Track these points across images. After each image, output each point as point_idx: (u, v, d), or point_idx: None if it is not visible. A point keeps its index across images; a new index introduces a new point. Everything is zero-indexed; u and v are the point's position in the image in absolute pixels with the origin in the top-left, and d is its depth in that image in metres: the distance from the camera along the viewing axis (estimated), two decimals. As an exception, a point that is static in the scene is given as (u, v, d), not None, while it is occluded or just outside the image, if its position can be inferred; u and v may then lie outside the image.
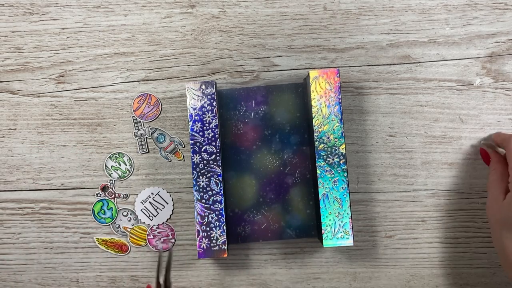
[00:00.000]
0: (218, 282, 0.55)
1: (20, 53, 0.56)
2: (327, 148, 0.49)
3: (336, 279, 0.54)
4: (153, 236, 0.55)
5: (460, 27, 0.55)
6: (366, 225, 0.54)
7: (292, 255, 0.55)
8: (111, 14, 0.55)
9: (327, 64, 0.55)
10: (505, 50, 0.54)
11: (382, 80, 0.55)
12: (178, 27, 0.55)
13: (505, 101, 0.54)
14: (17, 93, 0.56)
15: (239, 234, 0.52)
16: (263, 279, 0.55)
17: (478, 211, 0.54)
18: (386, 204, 0.54)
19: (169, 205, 0.55)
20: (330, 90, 0.49)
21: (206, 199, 0.49)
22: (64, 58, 0.56)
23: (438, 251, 0.54)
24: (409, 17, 0.55)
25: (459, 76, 0.54)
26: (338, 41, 0.55)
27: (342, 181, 0.49)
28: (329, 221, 0.48)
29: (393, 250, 0.54)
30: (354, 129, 0.55)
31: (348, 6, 0.55)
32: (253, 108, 0.53)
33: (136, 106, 0.55)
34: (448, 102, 0.54)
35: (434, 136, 0.54)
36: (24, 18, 0.56)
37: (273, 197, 0.52)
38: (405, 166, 0.54)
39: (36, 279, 0.55)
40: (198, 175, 0.49)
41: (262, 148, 0.53)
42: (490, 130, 0.54)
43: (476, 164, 0.54)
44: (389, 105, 0.55)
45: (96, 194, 0.55)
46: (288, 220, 0.52)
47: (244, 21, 0.55)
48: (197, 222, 0.49)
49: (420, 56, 0.55)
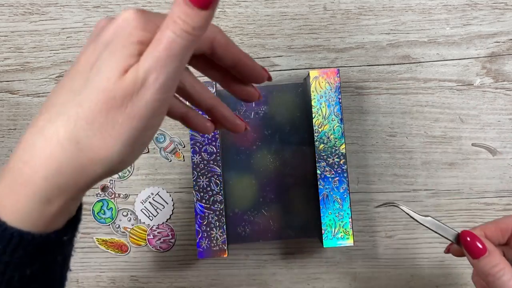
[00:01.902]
0: (218, 282, 0.55)
1: (20, 53, 0.56)
2: (327, 148, 0.49)
3: (336, 279, 0.54)
4: (153, 236, 0.55)
5: (460, 27, 0.55)
6: (366, 225, 0.54)
7: (292, 255, 0.55)
8: (111, 14, 0.55)
9: (327, 64, 0.55)
10: (505, 50, 0.54)
11: (382, 80, 0.55)
12: (178, 27, 0.55)
13: (505, 101, 0.54)
14: (17, 93, 0.56)
15: (239, 234, 0.52)
16: (263, 279, 0.55)
17: (478, 211, 0.54)
18: (386, 204, 0.54)
19: (169, 205, 0.55)
20: (330, 90, 0.49)
21: (206, 199, 0.49)
22: (64, 58, 0.56)
23: (438, 251, 0.54)
24: (409, 17, 0.55)
25: (459, 76, 0.54)
26: (338, 41, 0.55)
27: (342, 181, 0.49)
28: (329, 221, 0.48)
29: (393, 250, 0.54)
30: (354, 129, 0.55)
31: (348, 6, 0.55)
32: (253, 108, 0.53)
33: (136, 106, 0.55)
34: (448, 102, 0.54)
35: (434, 136, 0.54)
36: (24, 18, 0.56)
37: (273, 197, 0.52)
38: (405, 166, 0.54)
39: (36, 279, 0.55)
40: (198, 175, 0.49)
41: (262, 148, 0.53)
42: (490, 130, 0.54)
43: (476, 164, 0.54)
44: (389, 105, 0.55)
45: (96, 194, 0.55)
46: (288, 220, 0.52)
47: (244, 21, 0.55)
48: (197, 222, 0.49)
49: (420, 56, 0.55)
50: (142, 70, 0.25)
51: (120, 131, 0.26)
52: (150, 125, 0.27)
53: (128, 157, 0.27)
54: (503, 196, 0.54)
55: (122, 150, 0.26)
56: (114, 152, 0.26)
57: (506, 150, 0.54)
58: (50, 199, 0.26)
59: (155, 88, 0.25)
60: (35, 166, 0.26)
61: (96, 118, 0.25)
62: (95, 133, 0.26)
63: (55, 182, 0.26)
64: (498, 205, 0.54)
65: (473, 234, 0.35)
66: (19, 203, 0.26)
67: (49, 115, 0.26)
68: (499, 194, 0.54)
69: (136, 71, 0.25)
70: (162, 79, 0.25)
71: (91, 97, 0.25)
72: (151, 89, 0.25)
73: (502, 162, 0.54)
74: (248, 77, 0.33)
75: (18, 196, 0.26)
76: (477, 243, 0.35)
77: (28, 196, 0.26)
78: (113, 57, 0.26)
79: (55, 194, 0.26)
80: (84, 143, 0.26)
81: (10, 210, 0.26)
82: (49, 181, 0.26)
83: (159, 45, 0.25)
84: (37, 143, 0.26)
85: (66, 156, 0.26)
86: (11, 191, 0.26)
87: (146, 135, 0.27)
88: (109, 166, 0.26)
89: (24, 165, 0.26)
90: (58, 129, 0.26)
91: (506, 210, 0.54)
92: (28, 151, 0.26)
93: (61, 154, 0.26)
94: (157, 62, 0.25)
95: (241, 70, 0.32)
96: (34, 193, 0.26)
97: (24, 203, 0.26)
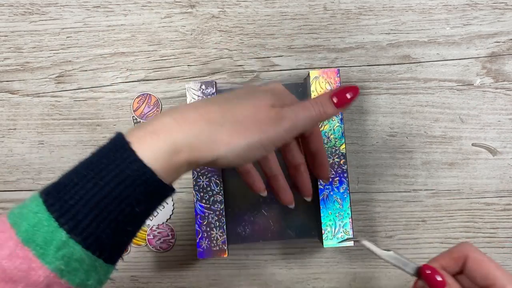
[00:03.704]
0: (218, 282, 0.55)
1: (20, 53, 0.56)
2: (327, 148, 0.49)
3: (336, 279, 0.54)
4: (153, 236, 0.55)
5: (460, 27, 0.55)
6: (366, 225, 0.54)
7: (292, 255, 0.55)
8: (111, 14, 0.55)
9: (327, 64, 0.55)
10: (505, 50, 0.54)
11: (382, 80, 0.55)
12: (178, 27, 0.55)
13: (505, 101, 0.54)
14: (17, 93, 0.56)
15: (239, 234, 0.52)
16: (263, 279, 0.55)
17: (478, 211, 0.54)
18: (386, 204, 0.54)
19: (169, 205, 0.55)
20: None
21: (206, 199, 0.49)
22: (64, 58, 0.56)
23: (438, 251, 0.54)
24: (409, 17, 0.55)
25: (459, 76, 0.54)
26: (338, 41, 0.55)
27: (342, 181, 0.49)
28: (329, 221, 0.48)
29: (393, 250, 0.54)
30: (354, 129, 0.55)
31: (348, 6, 0.55)
32: (253, 108, 0.53)
33: (136, 106, 0.55)
34: (448, 102, 0.54)
35: (434, 136, 0.54)
36: (24, 18, 0.56)
37: (273, 197, 0.52)
38: (405, 166, 0.54)
39: (36, 279, 0.55)
40: (198, 175, 0.49)
41: (262, 148, 0.53)
42: (490, 130, 0.54)
43: (476, 164, 0.54)
44: (389, 105, 0.55)
45: (96, 194, 0.55)
46: (288, 220, 0.52)
47: (244, 21, 0.55)
48: (197, 222, 0.49)
49: (420, 56, 0.55)
50: (283, 112, 0.36)
51: (251, 136, 0.35)
52: (264, 147, 0.36)
53: (241, 155, 0.35)
54: (503, 196, 0.54)
55: (242, 147, 0.34)
56: (238, 145, 0.34)
57: (506, 150, 0.54)
58: (180, 150, 0.32)
59: (285, 128, 0.36)
60: (182, 124, 0.33)
61: (240, 120, 0.35)
62: (236, 128, 0.34)
63: (189, 140, 0.33)
64: (498, 205, 0.54)
65: (433, 268, 0.37)
66: (156, 145, 0.32)
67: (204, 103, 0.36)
68: (499, 194, 0.54)
69: (280, 110, 0.36)
70: (291, 124, 0.36)
71: (244, 107, 0.36)
72: (282, 126, 0.36)
73: (502, 162, 0.54)
74: (318, 168, 0.46)
75: (158, 139, 0.32)
76: (437, 277, 0.37)
77: (166, 142, 0.32)
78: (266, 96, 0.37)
79: (185, 150, 0.33)
80: (225, 128, 0.34)
81: (147, 148, 0.32)
82: (186, 138, 0.33)
83: (300, 105, 0.38)
84: (191, 113, 0.34)
85: (209, 129, 0.34)
86: (155, 133, 0.32)
87: (258, 151, 0.36)
88: (229, 153, 0.34)
89: (172, 120, 0.33)
90: (210, 111, 0.35)
91: (506, 210, 0.54)
92: (180, 114, 0.34)
93: (205, 126, 0.34)
94: (295, 114, 0.37)
95: (316, 161, 0.46)
96: (172, 141, 0.32)
97: (160, 145, 0.32)
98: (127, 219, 0.32)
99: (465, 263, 0.37)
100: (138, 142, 0.32)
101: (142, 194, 0.32)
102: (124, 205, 0.31)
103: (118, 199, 0.31)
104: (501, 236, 0.54)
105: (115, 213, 0.31)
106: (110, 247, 0.32)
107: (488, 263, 0.36)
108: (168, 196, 0.34)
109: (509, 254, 0.54)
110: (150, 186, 0.32)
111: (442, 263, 0.38)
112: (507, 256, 0.54)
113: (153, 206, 0.34)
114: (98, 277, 0.32)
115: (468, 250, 0.37)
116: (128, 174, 0.31)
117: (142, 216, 0.33)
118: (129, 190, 0.31)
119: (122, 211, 0.31)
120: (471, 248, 0.37)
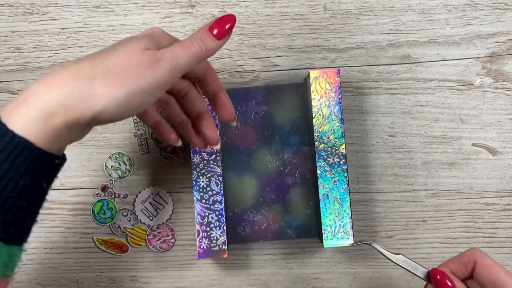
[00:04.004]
0: (218, 282, 0.55)
1: (20, 53, 0.56)
2: (327, 148, 0.49)
3: (336, 279, 0.54)
4: (153, 236, 0.55)
5: (460, 27, 0.55)
6: (366, 225, 0.54)
7: (292, 255, 0.55)
8: (111, 14, 0.55)
9: (327, 64, 0.55)
10: (505, 50, 0.54)
11: (382, 80, 0.55)
12: (178, 27, 0.55)
13: (505, 101, 0.54)
14: (17, 93, 0.56)
15: (239, 234, 0.52)
16: (263, 279, 0.55)
17: (478, 211, 0.54)
18: (386, 204, 0.54)
19: (169, 205, 0.55)
20: (330, 90, 0.49)
21: (206, 199, 0.49)
22: (64, 58, 0.56)
23: (438, 251, 0.54)
24: (409, 17, 0.55)
25: (459, 76, 0.54)
26: (338, 41, 0.55)
27: (342, 181, 0.49)
28: (329, 221, 0.48)
29: (393, 250, 0.54)
30: (354, 129, 0.55)
31: (348, 6, 0.55)
32: (253, 108, 0.53)
33: (136, 106, 0.55)
34: (448, 102, 0.54)
35: (434, 136, 0.54)
36: (24, 18, 0.56)
37: (273, 197, 0.52)
38: (405, 166, 0.54)
39: (36, 279, 0.55)
40: (198, 175, 0.49)
41: (262, 148, 0.53)
42: (490, 130, 0.54)
43: (476, 164, 0.54)
44: (389, 105, 0.55)
45: (96, 194, 0.55)
46: (288, 220, 0.52)
47: (244, 21, 0.55)
48: (197, 222, 0.49)
49: (420, 56, 0.55)
50: (160, 53, 0.34)
51: (128, 83, 0.33)
52: (148, 93, 0.34)
53: (123, 106, 0.33)
54: (503, 196, 0.54)
55: (122, 97, 0.33)
56: (116, 95, 0.32)
57: (506, 150, 0.54)
58: (54, 113, 0.31)
59: (165, 69, 0.34)
60: (50, 87, 0.32)
61: (113, 69, 0.33)
62: (109, 78, 0.32)
63: (61, 101, 0.31)
64: (498, 205, 0.54)
65: (443, 272, 0.38)
66: (27, 113, 0.31)
67: (75, 61, 0.33)
68: (499, 194, 0.54)
69: (155, 52, 0.34)
70: (171, 65, 0.34)
71: (115, 55, 0.33)
72: (161, 67, 0.34)
73: (502, 162, 0.54)
74: (220, 109, 0.44)
75: (27, 107, 0.31)
76: (447, 281, 0.37)
77: (37, 107, 0.31)
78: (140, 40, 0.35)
79: (59, 112, 0.31)
80: (98, 80, 0.32)
81: (18, 118, 0.31)
82: (57, 99, 0.31)
83: (178, 45, 0.35)
84: (60, 74, 0.32)
85: (80, 85, 0.32)
86: (24, 102, 0.31)
87: (142, 98, 0.34)
88: (108, 106, 0.32)
89: (40, 85, 0.32)
90: (80, 67, 0.33)
91: (506, 210, 0.54)
92: (48, 78, 0.32)
93: (75, 82, 0.32)
94: (173, 54, 0.34)
95: (217, 102, 0.43)
96: (43, 105, 0.31)
97: (31, 112, 0.31)
98: (13, 194, 0.31)
99: (474, 268, 0.38)
100: (8, 114, 0.31)
101: (22, 166, 0.30)
102: (7, 180, 0.30)
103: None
104: (501, 236, 0.54)
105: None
106: (3, 227, 0.31)
107: (497, 269, 0.37)
108: (58, 164, 0.33)
109: (509, 254, 0.54)
110: (29, 155, 0.31)
111: (451, 267, 0.39)
112: (507, 256, 0.54)
113: (43, 177, 0.32)
114: (1, 259, 0.31)
115: (477, 255, 0.38)
116: (1, 148, 0.30)
117: (33, 189, 0.32)
118: (7, 164, 0.30)
119: (5, 187, 0.30)
120: (480, 254, 0.38)
